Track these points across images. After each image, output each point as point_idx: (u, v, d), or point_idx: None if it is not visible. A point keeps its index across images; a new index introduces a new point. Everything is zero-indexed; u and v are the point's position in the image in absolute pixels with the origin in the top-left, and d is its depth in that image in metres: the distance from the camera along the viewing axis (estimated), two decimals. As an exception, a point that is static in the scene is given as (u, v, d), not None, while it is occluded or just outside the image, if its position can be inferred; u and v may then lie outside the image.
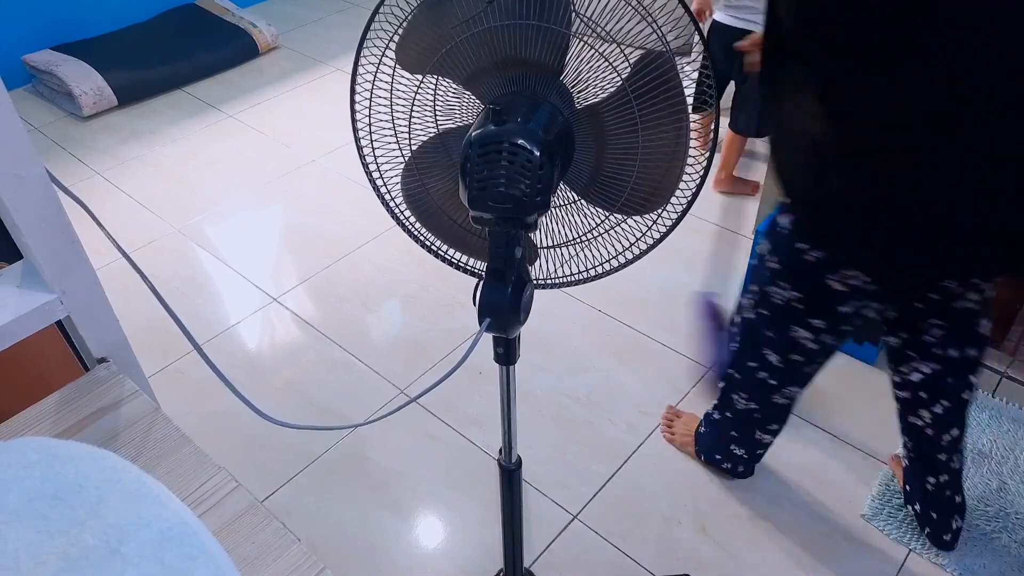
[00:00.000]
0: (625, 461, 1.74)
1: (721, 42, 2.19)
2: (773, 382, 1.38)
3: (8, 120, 0.76)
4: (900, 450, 1.61)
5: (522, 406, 1.86)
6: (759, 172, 2.58)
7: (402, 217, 1.02)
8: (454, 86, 0.93)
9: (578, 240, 0.99)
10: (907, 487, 1.56)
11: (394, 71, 0.93)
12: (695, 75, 0.86)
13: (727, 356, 1.50)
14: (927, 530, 1.54)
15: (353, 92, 0.94)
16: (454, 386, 1.90)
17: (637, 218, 0.96)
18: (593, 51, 0.83)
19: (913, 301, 1.20)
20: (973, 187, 0.94)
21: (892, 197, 0.97)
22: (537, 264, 1.02)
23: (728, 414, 1.53)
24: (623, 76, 0.84)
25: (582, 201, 0.95)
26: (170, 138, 2.98)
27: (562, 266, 1.03)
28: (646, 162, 0.88)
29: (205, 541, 0.38)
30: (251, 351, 2.07)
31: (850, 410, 1.83)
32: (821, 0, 0.93)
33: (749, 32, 1.98)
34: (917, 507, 1.54)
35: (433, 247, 1.04)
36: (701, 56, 0.91)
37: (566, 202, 0.97)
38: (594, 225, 0.97)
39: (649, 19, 0.81)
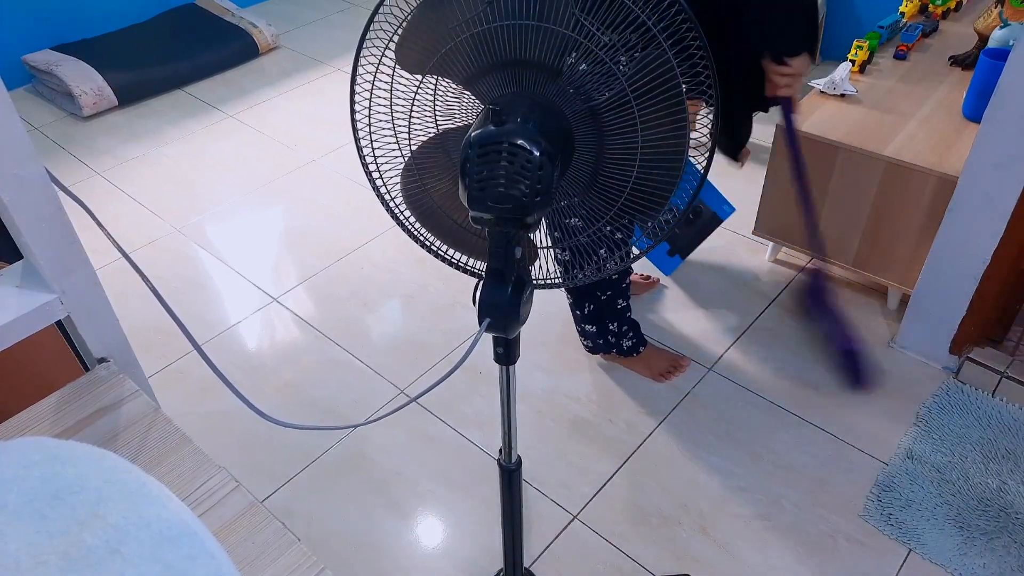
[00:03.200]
0: (625, 461, 1.74)
1: None
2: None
3: (8, 120, 0.76)
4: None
5: (522, 406, 1.86)
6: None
7: (402, 217, 1.02)
8: (454, 86, 0.93)
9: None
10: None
11: (394, 71, 0.93)
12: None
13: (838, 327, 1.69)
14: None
15: (353, 92, 0.94)
16: (454, 386, 1.90)
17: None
18: (593, 51, 0.83)
19: None
20: None
21: None
22: (537, 264, 1.02)
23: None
24: (623, 76, 0.84)
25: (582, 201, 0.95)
26: (170, 138, 2.98)
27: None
28: (646, 162, 0.88)
29: (205, 541, 0.38)
30: (251, 351, 2.07)
31: (850, 410, 1.83)
32: None
33: None
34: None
35: (433, 247, 1.04)
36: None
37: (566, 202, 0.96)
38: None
39: (649, 20, 0.81)
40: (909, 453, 1.71)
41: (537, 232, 0.96)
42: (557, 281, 1.02)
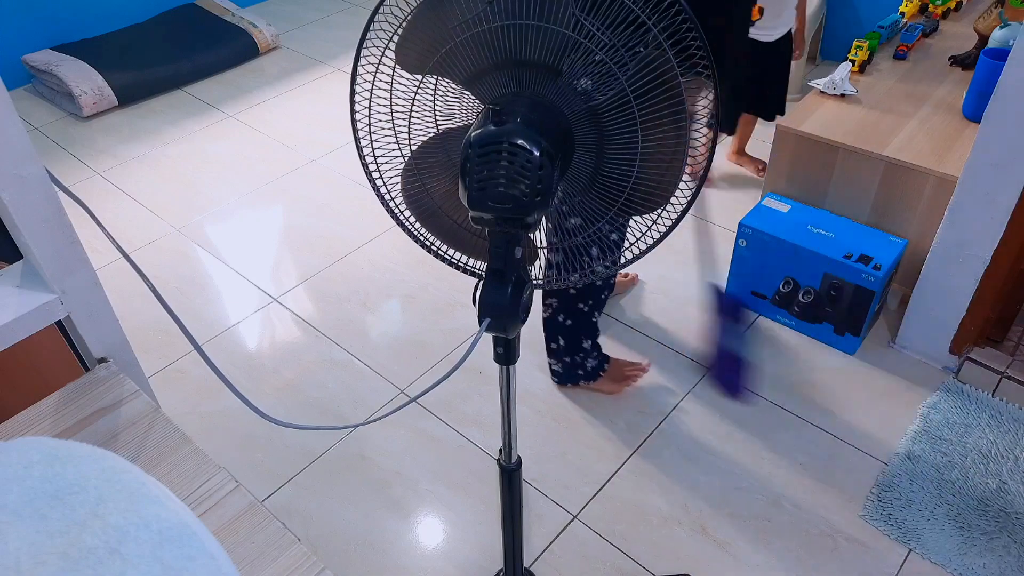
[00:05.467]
0: (625, 461, 1.74)
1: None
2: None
3: (8, 120, 0.76)
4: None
5: (522, 406, 1.86)
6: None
7: (402, 217, 1.02)
8: (454, 86, 0.93)
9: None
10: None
11: (394, 71, 0.93)
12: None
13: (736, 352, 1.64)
14: None
15: (353, 92, 0.94)
16: (454, 386, 1.90)
17: (637, 218, 0.96)
18: (593, 51, 0.83)
19: None
20: None
21: None
22: (537, 264, 1.02)
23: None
24: (623, 76, 0.84)
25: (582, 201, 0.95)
26: (170, 138, 2.98)
27: (562, 266, 1.03)
28: (646, 162, 0.88)
29: (205, 541, 0.38)
30: (251, 351, 2.07)
31: (850, 410, 1.83)
32: None
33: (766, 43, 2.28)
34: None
35: (433, 247, 1.04)
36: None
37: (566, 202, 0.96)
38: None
39: (649, 20, 0.81)
40: (909, 453, 1.71)
41: (537, 232, 0.96)
42: (560, 281, 1.02)
